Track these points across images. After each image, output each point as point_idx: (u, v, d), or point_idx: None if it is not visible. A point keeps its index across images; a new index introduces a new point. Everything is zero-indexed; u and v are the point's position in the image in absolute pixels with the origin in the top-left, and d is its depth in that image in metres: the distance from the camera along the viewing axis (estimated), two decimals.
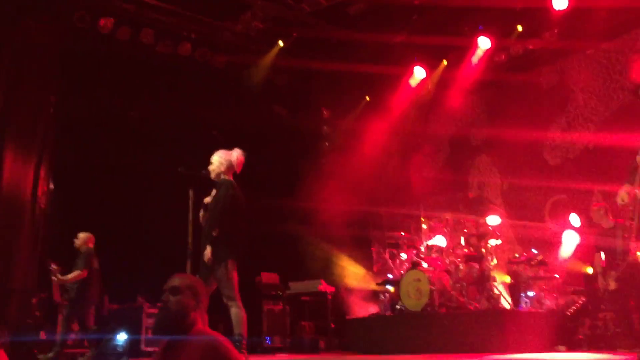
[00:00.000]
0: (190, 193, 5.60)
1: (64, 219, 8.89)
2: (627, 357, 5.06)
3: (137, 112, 9.92)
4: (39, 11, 9.01)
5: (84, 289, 7.57)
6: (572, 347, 6.78)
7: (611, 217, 7.20)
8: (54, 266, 7.64)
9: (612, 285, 6.86)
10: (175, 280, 2.94)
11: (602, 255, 7.13)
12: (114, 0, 9.18)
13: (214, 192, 5.71)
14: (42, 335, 7.78)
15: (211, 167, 5.79)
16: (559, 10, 8.80)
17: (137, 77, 9.74)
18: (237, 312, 5.39)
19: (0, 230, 8.14)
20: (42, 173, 8.85)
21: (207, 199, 5.70)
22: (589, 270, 7.81)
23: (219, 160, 5.76)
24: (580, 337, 6.97)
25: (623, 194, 6.77)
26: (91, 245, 7.84)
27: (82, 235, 7.86)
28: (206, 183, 5.87)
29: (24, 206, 8.59)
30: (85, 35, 9.17)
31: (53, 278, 7.59)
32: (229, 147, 5.93)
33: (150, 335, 8.56)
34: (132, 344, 8.07)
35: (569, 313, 7.35)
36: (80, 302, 7.54)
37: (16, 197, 8.54)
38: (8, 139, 8.62)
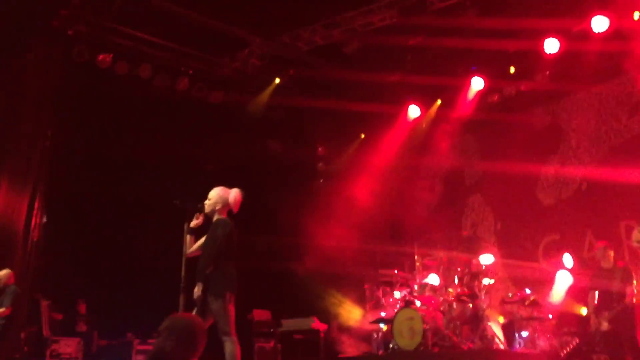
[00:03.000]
0: (185, 227, 5.58)
1: (56, 252, 8.82)
2: None
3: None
4: (38, 46, 9.13)
5: (8, 326, 7.46)
6: None
7: (612, 258, 7.19)
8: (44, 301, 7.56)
9: (605, 326, 6.84)
10: (163, 322, 2.93)
11: (597, 294, 7.12)
12: (113, 36, 9.31)
13: (195, 220, 5.65)
14: None
15: (207, 202, 5.79)
16: (550, 54, 8.99)
17: (134, 111, 9.82)
18: (231, 347, 5.31)
19: None
20: (36, 205, 8.83)
21: (193, 223, 5.65)
22: (583, 311, 7.79)
23: (216, 196, 5.76)
24: None
25: (638, 235, 6.80)
26: (13, 282, 7.75)
27: (4, 273, 7.78)
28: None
29: (16, 238, 8.55)
30: (83, 70, 9.27)
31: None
32: (224, 182, 5.95)
33: None
34: None
35: (562, 354, 7.30)
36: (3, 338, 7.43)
37: (9, 228, 8.51)
38: (3, 171, 8.63)
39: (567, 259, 8.68)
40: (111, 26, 9.19)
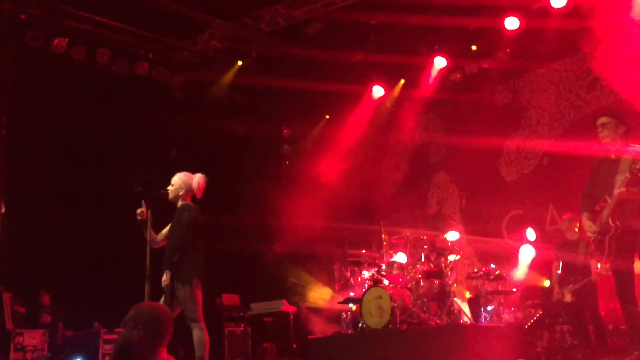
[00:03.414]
0: (149, 214, 5.50)
1: (16, 243, 8.61)
2: None
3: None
4: None
5: None
6: None
7: (577, 230, 7.27)
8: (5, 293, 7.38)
9: (568, 297, 7.01)
10: (128, 312, 2.91)
11: (560, 266, 7.27)
12: (69, 19, 9.02)
13: (140, 214, 5.51)
14: None
15: (170, 188, 5.71)
16: (511, 30, 9.07)
17: (93, 97, 9.57)
18: (199, 334, 5.29)
19: None
20: None
21: (139, 216, 5.53)
22: (546, 283, 7.98)
23: (179, 182, 5.69)
24: (538, 349, 7.09)
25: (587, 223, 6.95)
26: None
27: None
28: (165, 203, 5.78)
29: None
30: (38, 55, 8.96)
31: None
32: (188, 167, 5.87)
33: None
34: None
35: (527, 326, 7.48)
36: None
37: None
38: None
39: (530, 233, 8.87)
40: (66, 9, 8.89)
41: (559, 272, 7.29)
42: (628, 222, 4.91)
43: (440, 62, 10.01)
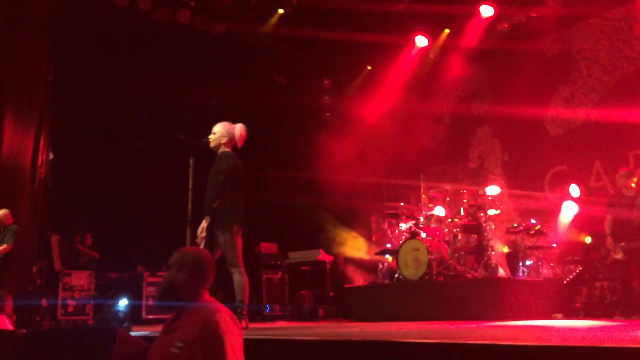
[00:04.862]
0: (191, 161, 5.56)
1: (63, 188, 8.89)
2: (622, 324, 5.09)
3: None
4: None
5: (6, 263, 7.60)
6: (569, 315, 6.83)
7: (634, 185, 6.99)
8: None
9: (619, 255, 6.81)
10: (173, 256, 2.98)
11: (614, 222, 7.03)
12: None
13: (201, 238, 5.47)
14: (44, 303, 7.86)
15: (212, 137, 5.75)
16: None
17: (135, 45, 9.63)
18: (240, 278, 5.39)
19: (0, 200, 8.14)
20: (42, 142, 8.83)
21: (199, 239, 5.54)
22: (587, 239, 7.82)
23: (221, 131, 5.71)
24: (577, 305, 7.02)
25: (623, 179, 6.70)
26: (12, 221, 7.79)
27: (1, 213, 7.78)
28: (206, 151, 5.84)
29: (23, 176, 8.59)
30: (82, 1, 9.03)
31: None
32: (228, 117, 5.88)
33: (150, 303, 8.63)
34: (133, 312, 8.14)
35: (565, 282, 7.40)
36: (2, 275, 7.56)
37: (16, 166, 8.54)
38: (6, 109, 8.58)
39: (574, 189, 8.66)
40: None
41: (613, 228, 7.03)
42: None
43: (487, 11, 9.66)
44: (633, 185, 6.98)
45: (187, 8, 9.86)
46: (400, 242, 8.08)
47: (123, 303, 7.04)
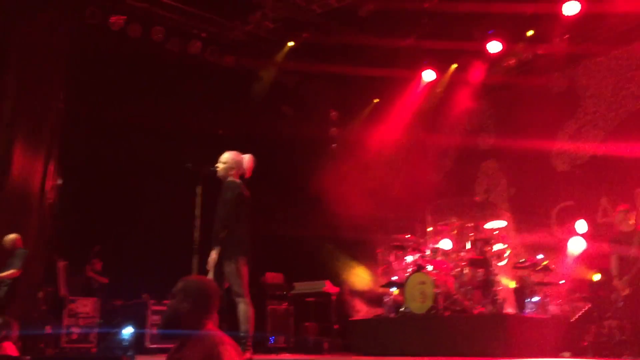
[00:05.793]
0: (198, 190, 5.60)
1: (71, 214, 8.93)
2: None
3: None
4: (51, 7, 9.08)
5: (17, 286, 7.57)
6: (577, 353, 6.74)
7: (633, 221, 7.05)
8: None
9: (626, 290, 6.78)
10: (177, 285, 2.98)
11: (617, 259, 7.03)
12: None
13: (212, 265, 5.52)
14: (48, 330, 7.82)
15: (220, 166, 5.79)
16: (569, 16, 8.78)
17: (146, 74, 9.77)
18: (245, 308, 5.39)
19: (8, 224, 8.18)
20: (51, 168, 8.91)
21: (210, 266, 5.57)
22: (595, 277, 7.77)
23: (230, 160, 5.75)
24: (585, 344, 6.93)
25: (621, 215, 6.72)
26: (21, 245, 7.79)
27: (11, 237, 7.79)
28: (214, 180, 5.87)
29: (32, 200, 8.64)
30: (95, 32, 9.22)
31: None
32: (235, 147, 5.93)
33: (154, 332, 8.57)
34: (137, 340, 8.08)
35: (573, 319, 7.32)
36: (10, 300, 7.53)
37: (25, 191, 8.60)
38: (18, 134, 8.68)
39: (581, 225, 8.64)
40: None
41: (617, 266, 7.03)
42: None
43: (494, 47, 9.78)
44: (630, 222, 7.00)
45: (198, 39, 10.03)
46: (406, 274, 8.04)
47: (127, 331, 7.00)
